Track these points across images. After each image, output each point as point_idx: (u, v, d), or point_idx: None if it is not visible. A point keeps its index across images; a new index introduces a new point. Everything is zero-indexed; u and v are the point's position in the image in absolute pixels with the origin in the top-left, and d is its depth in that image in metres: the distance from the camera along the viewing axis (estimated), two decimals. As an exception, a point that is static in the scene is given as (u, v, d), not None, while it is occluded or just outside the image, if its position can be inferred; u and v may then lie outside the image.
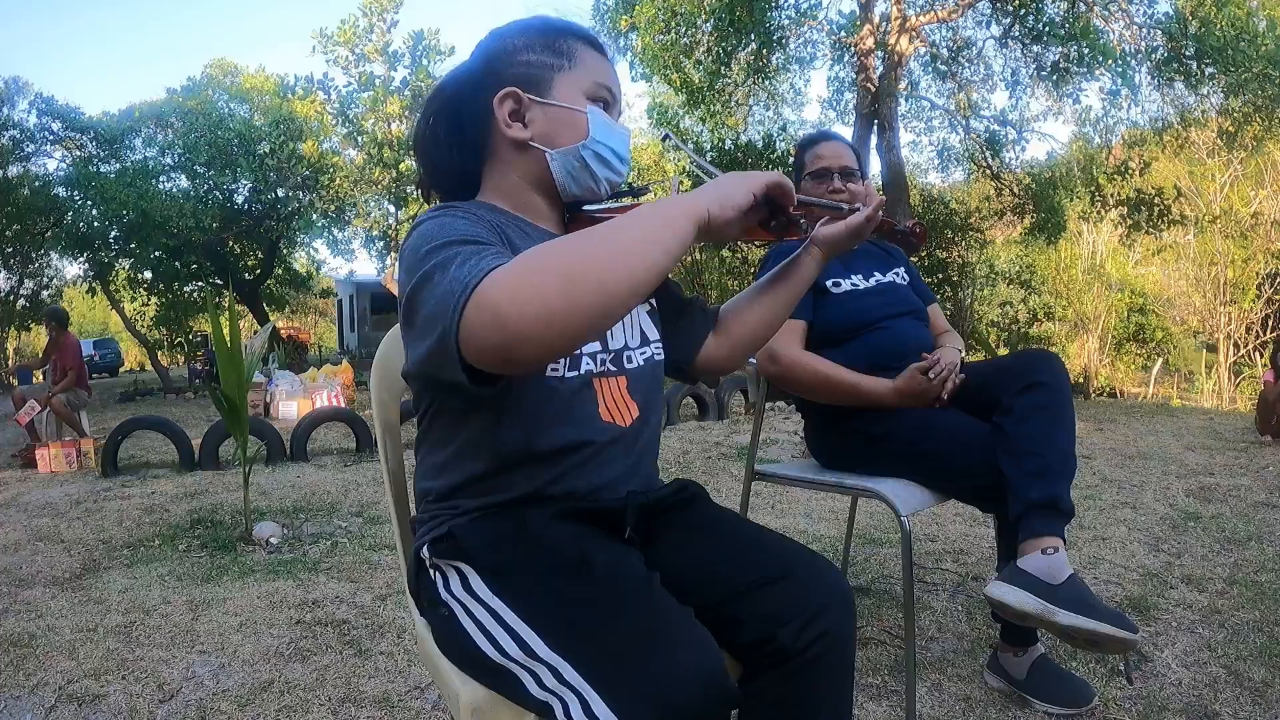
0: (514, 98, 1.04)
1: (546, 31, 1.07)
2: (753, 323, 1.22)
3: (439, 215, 0.94)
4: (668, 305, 1.22)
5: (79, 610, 2.57)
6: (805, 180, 2.05)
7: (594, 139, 1.04)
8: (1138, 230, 10.55)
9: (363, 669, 2.07)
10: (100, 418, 8.98)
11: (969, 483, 1.72)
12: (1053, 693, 1.76)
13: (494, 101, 1.04)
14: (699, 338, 1.23)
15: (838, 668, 0.98)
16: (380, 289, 20.72)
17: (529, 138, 1.05)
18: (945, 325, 2.11)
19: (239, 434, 3.69)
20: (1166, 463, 4.76)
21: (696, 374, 1.26)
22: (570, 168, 1.06)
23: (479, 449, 1.02)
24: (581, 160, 1.05)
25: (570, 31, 1.08)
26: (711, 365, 1.24)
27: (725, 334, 1.23)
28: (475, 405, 0.99)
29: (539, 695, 0.86)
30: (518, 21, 1.10)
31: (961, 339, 2.04)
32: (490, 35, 1.10)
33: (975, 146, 11.13)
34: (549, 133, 1.04)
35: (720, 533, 1.10)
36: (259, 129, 14.67)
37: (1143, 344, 14.41)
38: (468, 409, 1.01)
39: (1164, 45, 8.86)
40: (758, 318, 1.21)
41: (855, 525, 2.76)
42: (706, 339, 1.23)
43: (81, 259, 14.46)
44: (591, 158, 1.05)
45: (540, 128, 1.04)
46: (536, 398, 1.00)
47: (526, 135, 1.05)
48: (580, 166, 1.05)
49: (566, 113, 1.04)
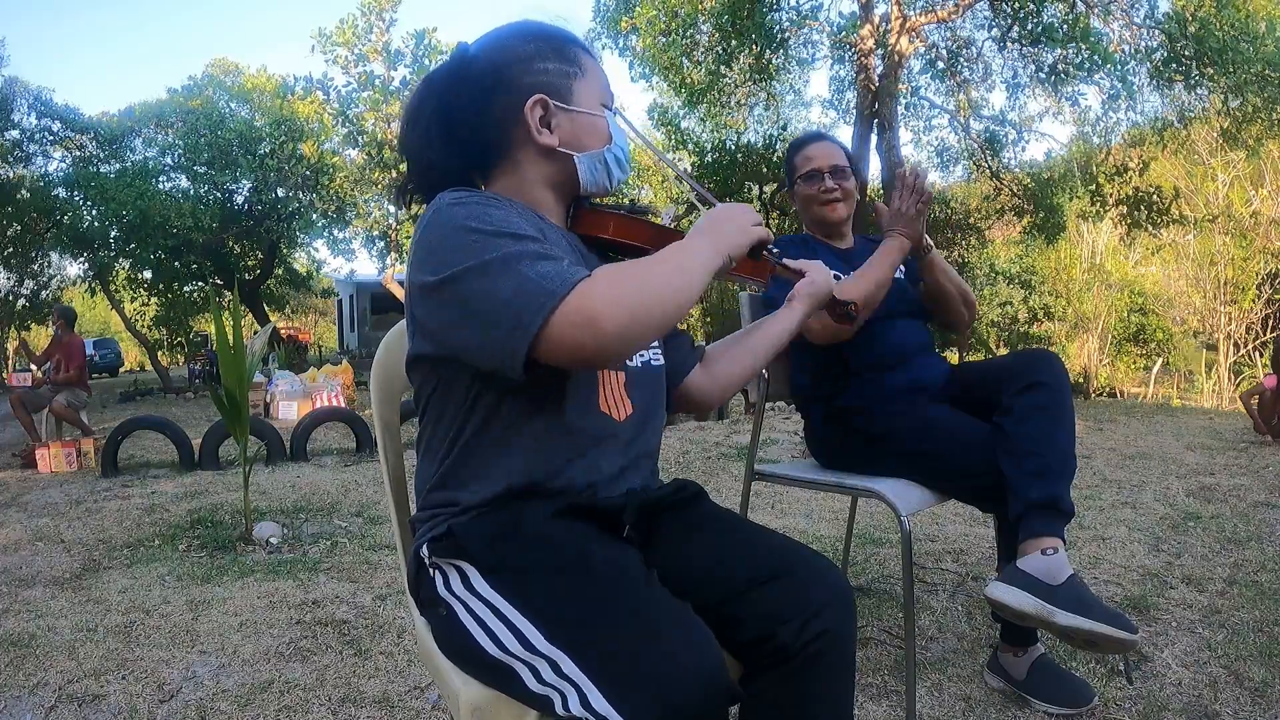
0: (543, 104, 1.07)
1: (553, 40, 1.10)
2: (736, 368, 1.29)
3: (467, 201, 0.97)
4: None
5: (79, 610, 2.57)
6: (798, 183, 2.05)
7: (615, 143, 1.12)
8: (1138, 229, 10.56)
9: (363, 669, 2.07)
10: (100, 418, 8.98)
11: (969, 483, 1.72)
12: (1053, 693, 1.76)
13: (526, 108, 1.06)
14: (685, 367, 1.27)
15: (838, 667, 0.98)
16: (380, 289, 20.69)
17: (557, 144, 1.08)
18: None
19: (239, 434, 3.69)
20: (1166, 463, 4.76)
21: (677, 403, 1.29)
22: (594, 170, 1.11)
23: (483, 444, 1.03)
24: (604, 163, 1.11)
25: (572, 40, 1.12)
26: (693, 397, 1.28)
27: (710, 371, 1.29)
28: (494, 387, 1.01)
29: (538, 689, 0.87)
30: (513, 26, 1.11)
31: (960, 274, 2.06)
32: (490, 40, 1.10)
33: (975, 146, 11.13)
34: (575, 138, 1.09)
35: (720, 532, 1.10)
36: (259, 129, 14.67)
37: (1143, 344, 14.43)
38: (467, 406, 1.02)
39: (1163, 46, 8.86)
40: (740, 364, 1.29)
41: (855, 525, 2.76)
42: (692, 370, 1.28)
43: (81, 259, 14.45)
44: (612, 161, 1.12)
45: (566, 133, 1.09)
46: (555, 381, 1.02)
47: (554, 141, 1.08)
48: (603, 169, 1.12)
49: (590, 119, 1.10)
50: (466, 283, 0.91)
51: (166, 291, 15.97)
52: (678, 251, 0.98)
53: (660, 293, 0.92)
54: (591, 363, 0.96)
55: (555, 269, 0.90)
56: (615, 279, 0.91)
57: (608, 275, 0.91)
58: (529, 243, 0.93)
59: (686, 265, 0.96)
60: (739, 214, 1.07)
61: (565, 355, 0.89)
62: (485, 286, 0.90)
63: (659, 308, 0.91)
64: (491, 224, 0.94)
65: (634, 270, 0.94)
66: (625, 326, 0.88)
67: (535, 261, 0.90)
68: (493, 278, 0.90)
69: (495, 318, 0.89)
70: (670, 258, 0.97)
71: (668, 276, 0.94)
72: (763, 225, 1.09)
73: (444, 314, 0.95)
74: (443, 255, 0.93)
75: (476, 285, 0.90)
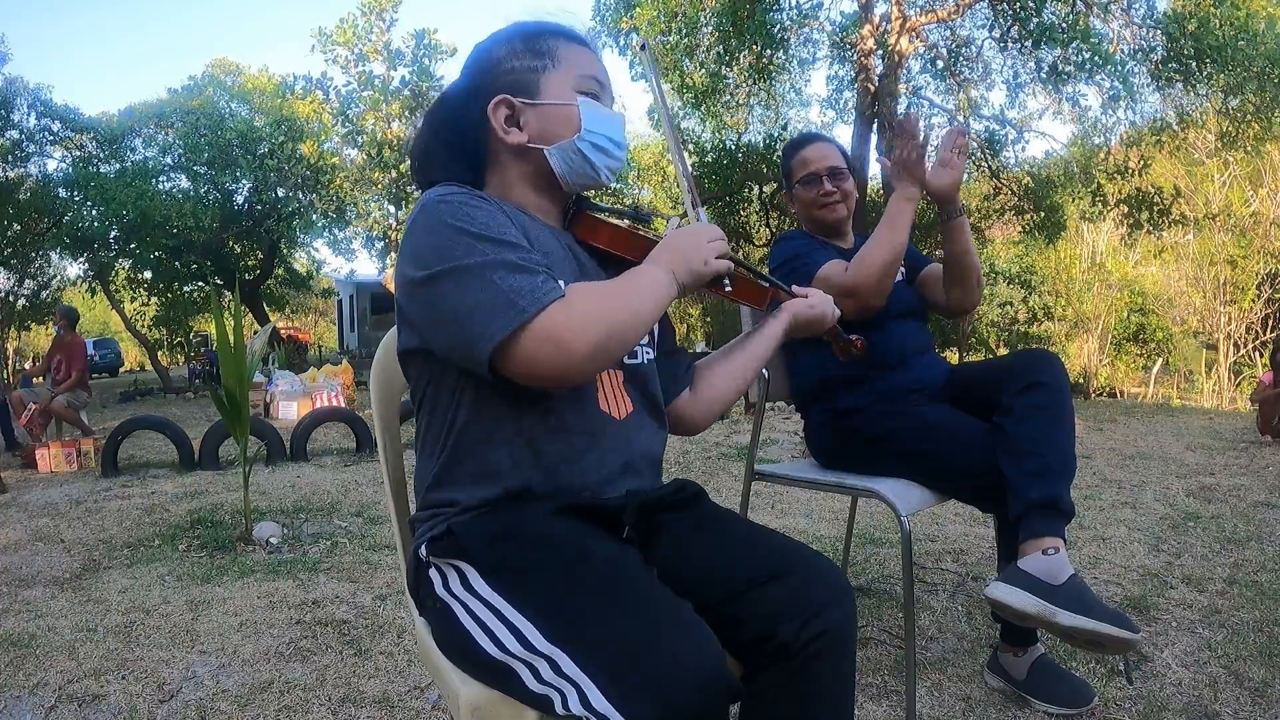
0: (506, 104, 1.08)
1: (526, 36, 1.11)
2: (721, 386, 1.28)
3: (452, 197, 0.98)
4: (664, 341, 1.25)
5: (79, 610, 2.57)
6: (796, 187, 2.04)
7: (587, 130, 1.09)
8: (1138, 229, 10.55)
9: (363, 669, 2.07)
10: (100, 418, 8.97)
11: (969, 483, 1.72)
12: (1052, 693, 1.76)
13: (489, 111, 1.08)
14: (678, 386, 1.26)
15: (838, 667, 0.98)
16: (380, 289, 20.72)
17: (526, 140, 1.08)
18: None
19: (239, 434, 3.69)
20: (1166, 463, 4.76)
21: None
22: (569, 160, 1.10)
23: (478, 441, 1.03)
24: (579, 152, 1.09)
25: (548, 31, 1.12)
26: (680, 418, 1.27)
27: (695, 394, 1.27)
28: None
29: (537, 689, 0.86)
30: (498, 32, 1.13)
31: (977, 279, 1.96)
32: (474, 50, 1.14)
33: (975, 146, 11.13)
34: (544, 131, 1.09)
35: (720, 532, 1.10)
36: (259, 129, 14.66)
37: (1143, 344, 14.42)
38: (455, 402, 1.03)
39: (1163, 45, 8.86)
40: (728, 380, 1.28)
41: (855, 525, 2.76)
42: (683, 392, 1.26)
43: (81, 259, 14.44)
44: (589, 148, 1.09)
45: (535, 129, 1.08)
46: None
47: (524, 139, 1.08)
48: (579, 158, 1.10)
49: (557, 109, 1.08)
50: (442, 285, 0.94)
51: (166, 291, 15.98)
52: (638, 287, 1.01)
53: (625, 321, 0.96)
54: (550, 383, 0.98)
55: (529, 283, 0.93)
56: (585, 304, 0.94)
57: (581, 299, 0.95)
58: (507, 250, 0.95)
59: (647, 296, 1.00)
60: (704, 243, 1.08)
61: (524, 371, 0.93)
62: (458, 291, 0.93)
63: (620, 336, 0.96)
64: (474, 225, 0.96)
65: (603, 296, 0.98)
66: (590, 353, 0.92)
67: (510, 273, 0.93)
68: (466, 284, 0.93)
69: (464, 323, 0.92)
70: (636, 286, 1.00)
71: (633, 306, 0.98)
72: (726, 252, 1.09)
73: (424, 311, 0.98)
74: (425, 253, 0.96)
75: (450, 288, 0.94)
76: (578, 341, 0.91)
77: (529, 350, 0.91)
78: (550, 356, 0.91)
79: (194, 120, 14.27)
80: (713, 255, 1.08)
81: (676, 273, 1.04)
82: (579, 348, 0.91)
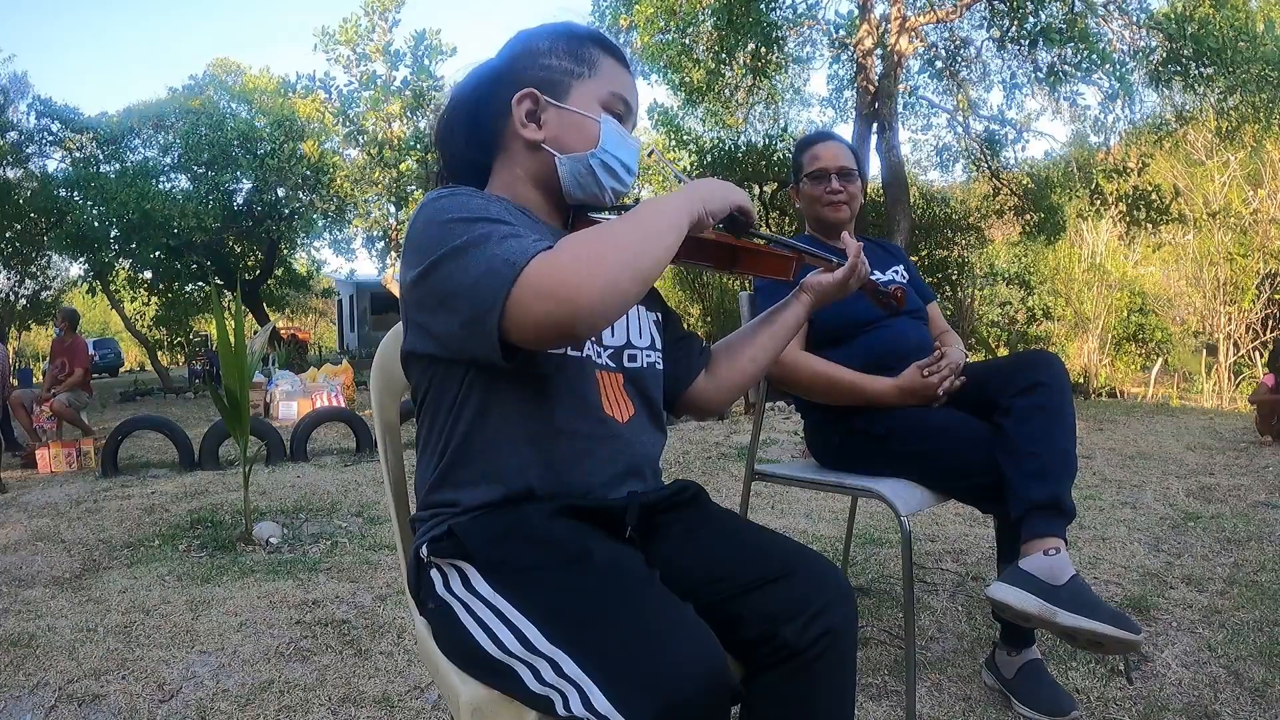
0: (532, 98, 1.07)
1: (572, 38, 1.10)
2: (741, 364, 1.26)
3: (449, 195, 0.98)
4: (671, 330, 1.24)
5: (79, 610, 2.56)
6: (804, 182, 2.04)
7: (603, 148, 1.08)
8: (1137, 227, 10.55)
9: (363, 669, 2.07)
10: (100, 418, 8.97)
11: (969, 483, 1.72)
12: (1033, 697, 1.75)
13: (512, 100, 1.07)
14: (692, 372, 1.25)
15: (839, 667, 0.98)
16: (380, 289, 20.69)
17: (541, 139, 1.08)
18: (944, 325, 2.11)
19: (239, 434, 3.68)
20: (1166, 463, 4.76)
21: (684, 408, 1.28)
22: (577, 174, 1.08)
23: (481, 443, 1.03)
24: (589, 168, 1.08)
25: (596, 40, 1.11)
26: (698, 403, 1.26)
27: (713, 375, 1.26)
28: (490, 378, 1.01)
29: (538, 690, 0.86)
30: (547, 25, 1.12)
31: (960, 339, 2.04)
32: (517, 35, 1.12)
33: (974, 146, 11.13)
34: (561, 136, 1.07)
35: (721, 532, 1.10)
36: (259, 129, 14.65)
37: (1142, 344, 14.41)
38: (459, 405, 1.02)
39: (1162, 45, 8.85)
40: (747, 359, 1.26)
41: (855, 525, 2.76)
42: (699, 376, 1.26)
43: (81, 259, 14.42)
44: (599, 167, 1.08)
45: (553, 131, 1.07)
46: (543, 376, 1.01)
47: (539, 136, 1.08)
48: (587, 174, 1.08)
49: (580, 119, 1.07)
50: (443, 268, 0.92)
51: (167, 291, 15.95)
52: (646, 209, 0.96)
53: (627, 255, 0.88)
54: (567, 335, 0.88)
55: (519, 244, 0.89)
56: (579, 246, 0.88)
57: (571, 242, 0.89)
58: (503, 226, 0.92)
59: (654, 223, 0.94)
60: (720, 183, 1.06)
61: (534, 330, 0.86)
62: (458, 269, 0.90)
63: (629, 270, 0.88)
64: (471, 212, 0.94)
65: (598, 234, 0.91)
66: (599, 293, 0.85)
67: (503, 240, 0.90)
68: (464, 259, 0.90)
69: (467, 298, 0.89)
70: (637, 217, 0.94)
71: (634, 236, 0.91)
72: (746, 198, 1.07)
73: (427, 304, 0.96)
74: (424, 248, 0.94)
75: (450, 268, 0.91)
76: (577, 285, 0.84)
77: (526, 306, 0.85)
78: (548, 309, 0.84)
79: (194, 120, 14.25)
80: (735, 193, 1.06)
81: (692, 202, 1.00)
82: (579, 291, 0.84)
